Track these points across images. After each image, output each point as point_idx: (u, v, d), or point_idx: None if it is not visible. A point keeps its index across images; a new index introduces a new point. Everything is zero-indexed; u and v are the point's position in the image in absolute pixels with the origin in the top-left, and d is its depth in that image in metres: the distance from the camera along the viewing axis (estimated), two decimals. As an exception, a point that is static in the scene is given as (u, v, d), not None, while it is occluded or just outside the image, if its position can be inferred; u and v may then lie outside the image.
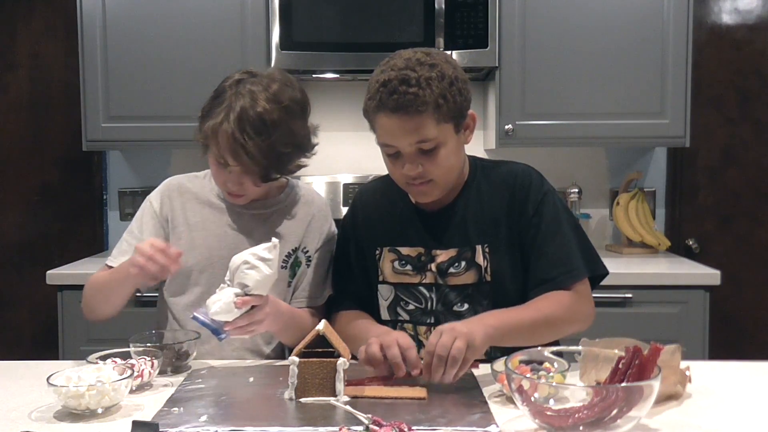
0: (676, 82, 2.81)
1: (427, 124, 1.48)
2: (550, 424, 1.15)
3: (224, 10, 2.82)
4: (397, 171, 1.57)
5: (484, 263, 1.60)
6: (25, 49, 3.30)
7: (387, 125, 1.51)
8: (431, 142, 1.50)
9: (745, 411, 1.32)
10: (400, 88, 1.47)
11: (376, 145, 1.59)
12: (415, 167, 1.52)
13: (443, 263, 1.62)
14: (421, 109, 1.47)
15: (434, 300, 1.63)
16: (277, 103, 1.58)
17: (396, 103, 1.47)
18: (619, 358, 1.22)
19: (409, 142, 1.50)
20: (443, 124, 1.50)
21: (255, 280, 1.46)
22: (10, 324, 3.36)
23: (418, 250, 1.64)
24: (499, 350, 1.53)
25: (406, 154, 1.52)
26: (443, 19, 2.73)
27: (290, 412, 1.29)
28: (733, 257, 3.22)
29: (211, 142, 1.60)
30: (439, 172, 1.54)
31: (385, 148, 1.56)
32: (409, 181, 1.56)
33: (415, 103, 1.46)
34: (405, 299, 1.65)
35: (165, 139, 2.87)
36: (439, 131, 1.50)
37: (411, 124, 1.48)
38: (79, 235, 3.30)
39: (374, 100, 1.51)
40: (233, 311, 1.45)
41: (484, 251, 1.61)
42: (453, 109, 1.51)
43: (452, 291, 1.62)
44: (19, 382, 1.48)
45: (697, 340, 2.58)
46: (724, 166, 3.25)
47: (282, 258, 1.71)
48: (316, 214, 1.79)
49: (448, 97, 1.49)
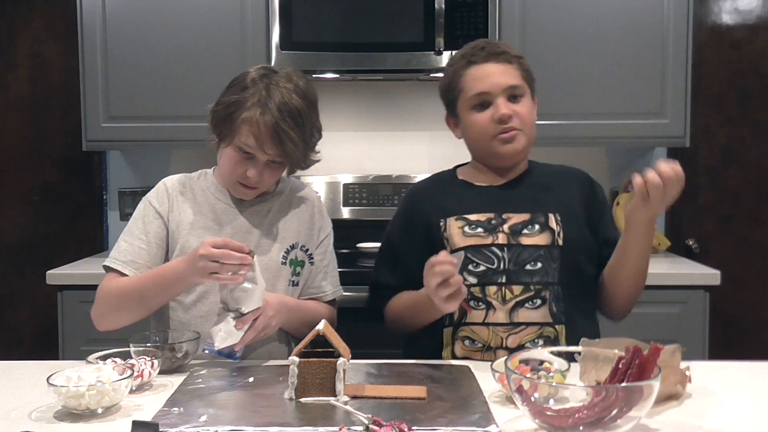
0: (676, 82, 2.81)
1: (515, 74, 1.71)
2: (550, 424, 1.15)
3: (224, 10, 2.82)
4: (488, 124, 1.70)
5: (557, 228, 1.70)
6: (25, 49, 3.30)
7: (479, 72, 1.71)
8: (520, 89, 1.71)
9: (745, 411, 1.32)
10: (488, 46, 1.74)
11: (376, 145, 1.61)
12: (508, 107, 1.69)
13: (517, 224, 1.70)
14: (509, 60, 1.72)
15: (506, 259, 1.68)
16: (304, 95, 1.66)
17: (488, 53, 1.71)
18: (619, 358, 1.22)
19: (502, 85, 1.69)
20: (524, 82, 1.73)
21: (246, 301, 1.51)
22: (10, 324, 3.36)
23: (488, 215, 1.72)
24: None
25: (499, 98, 1.69)
26: (443, 19, 2.73)
27: (290, 412, 1.29)
28: (733, 257, 3.22)
29: (242, 133, 1.63)
30: (525, 120, 1.71)
31: (477, 98, 1.71)
32: (500, 130, 1.70)
33: (504, 54, 1.72)
34: (476, 260, 1.68)
35: (165, 139, 2.87)
36: (524, 83, 1.73)
37: (502, 69, 1.70)
38: (79, 235, 3.30)
39: (464, 60, 1.74)
40: (237, 333, 1.51)
41: (556, 218, 1.71)
42: (529, 74, 1.75)
43: (525, 250, 1.68)
44: (19, 382, 1.48)
45: (697, 340, 2.58)
46: (724, 166, 3.25)
47: (282, 254, 1.75)
48: (315, 212, 1.83)
49: (523, 64, 1.75)
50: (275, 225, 1.76)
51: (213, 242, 1.49)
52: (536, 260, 1.67)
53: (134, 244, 1.69)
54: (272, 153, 1.64)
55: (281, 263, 1.74)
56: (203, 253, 1.48)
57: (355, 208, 3.06)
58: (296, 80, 1.67)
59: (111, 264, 1.69)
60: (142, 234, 1.71)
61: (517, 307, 1.64)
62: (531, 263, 1.67)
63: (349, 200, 3.08)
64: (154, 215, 1.73)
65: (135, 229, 1.73)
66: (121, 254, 1.69)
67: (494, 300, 1.65)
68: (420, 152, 3.12)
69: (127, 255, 1.68)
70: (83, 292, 2.65)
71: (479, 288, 1.66)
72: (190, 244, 1.69)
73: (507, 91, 1.69)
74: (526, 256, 1.67)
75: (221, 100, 1.69)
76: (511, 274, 1.66)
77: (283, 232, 1.76)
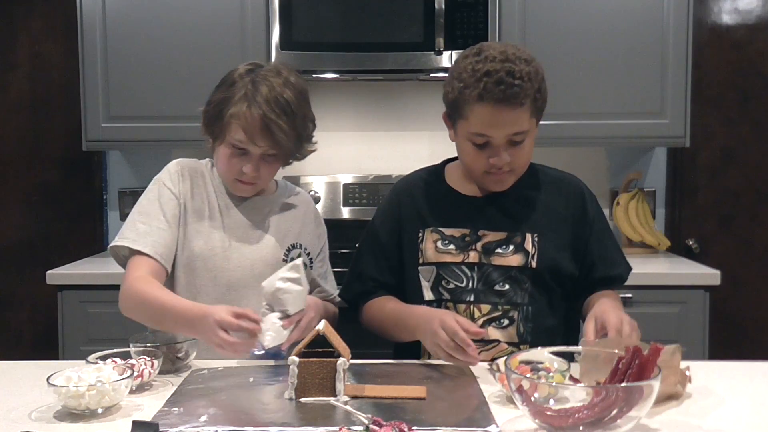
0: (676, 82, 2.81)
1: (524, 117, 1.57)
2: (550, 424, 1.15)
3: (224, 10, 2.82)
4: (480, 161, 1.62)
5: (533, 250, 1.65)
6: (25, 49, 3.30)
7: (487, 115, 1.56)
8: (523, 134, 1.59)
9: (745, 411, 1.32)
10: (507, 79, 1.53)
11: (376, 145, 1.61)
12: (504, 157, 1.59)
13: (490, 243, 1.67)
14: (524, 102, 1.55)
15: (475, 279, 1.66)
16: (292, 87, 1.66)
17: (503, 94, 1.53)
18: (619, 358, 1.22)
19: (506, 133, 1.57)
20: (533, 118, 1.60)
21: (292, 303, 1.54)
22: (10, 324, 3.36)
23: (463, 231, 1.69)
24: None
25: (498, 144, 1.59)
26: (443, 19, 2.73)
27: (290, 412, 1.29)
28: (733, 257, 3.22)
29: (232, 129, 1.63)
30: (521, 162, 1.64)
31: (475, 138, 1.60)
32: (492, 170, 1.62)
33: (519, 95, 1.54)
34: (446, 278, 1.68)
35: (165, 139, 2.87)
36: (530, 124, 1.60)
37: (512, 116, 1.55)
38: (79, 235, 3.30)
39: (476, 89, 1.54)
40: (284, 333, 1.53)
41: (533, 239, 1.66)
42: (542, 104, 1.61)
43: (495, 271, 1.66)
44: (19, 382, 1.48)
45: (697, 340, 2.58)
46: (724, 166, 3.24)
47: (283, 251, 1.76)
48: (313, 218, 1.86)
49: (542, 91, 1.60)
50: (277, 223, 1.78)
51: (233, 311, 1.44)
52: (505, 281, 1.65)
53: (153, 225, 1.66)
54: (263, 145, 1.64)
55: (282, 260, 1.75)
56: (218, 319, 1.43)
57: (355, 208, 3.06)
58: (285, 74, 1.67)
59: (126, 243, 1.65)
60: (161, 215, 1.68)
61: (486, 326, 1.64)
62: (500, 284, 1.65)
63: (349, 200, 3.08)
64: (169, 196, 1.71)
65: (152, 210, 1.69)
66: (141, 236, 1.65)
67: (466, 316, 1.64)
68: (420, 152, 3.12)
69: (148, 237, 1.65)
70: (83, 292, 2.65)
71: (452, 304, 1.67)
72: (192, 237, 1.69)
73: (510, 138, 1.58)
74: (495, 277, 1.65)
75: (211, 100, 1.70)
76: (480, 294, 1.65)
77: (284, 231, 1.78)
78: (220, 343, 1.43)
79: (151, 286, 1.60)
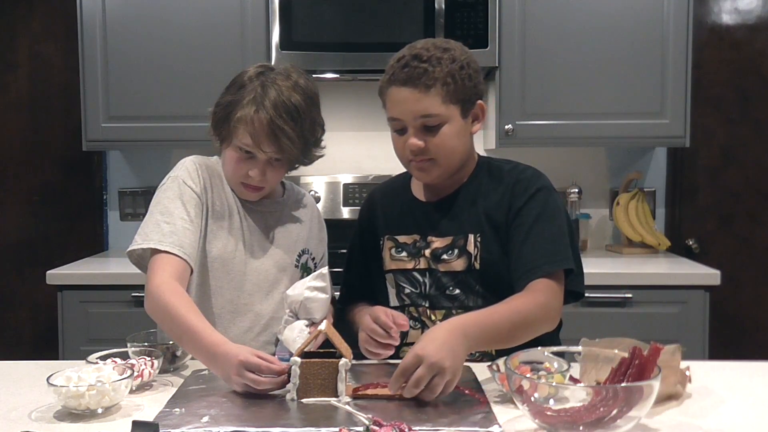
0: (676, 82, 2.81)
1: (433, 100, 1.54)
2: (550, 424, 1.15)
3: (224, 10, 2.82)
4: (400, 146, 1.61)
5: (475, 251, 1.63)
6: (25, 49, 3.30)
7: (396, 97, 1.57)
8: (436, 118, 1.55)
9: (745, 411, 1.32)
10: (412, 63, 1.54)
11: (376, 145, 1.61)
12: (417, 141, 1.56)
13: (438, 249, 1.66)
14: (429, 83, 1.53)
15: (428, 284, 1.66)
16: (301, 92, 1.64)
17: (406, 75, 1.54)
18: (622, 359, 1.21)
19: (414, 114, 1.55)
20: (450, 105, 1.55)
21: (319, 310, 1.58)
22: (10, 324, 3.36)
23: (414, 237, 1.69)
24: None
25: (411, 127, 1.57)
26: (443, 19, 2.73)
27: (292, 413, 1.29)
28: (733, 257, 3.22)
29: (239, 133, 1.62)
30: (440, 152, 1.58)
31: (392, 123, 1.61)
32: (411, 158, 1.60)
33: (424, 76, 1.53)
34: (402, 285, 1.69)
35: (165, 139, 2.87)
36: (445, 110, 1.55)
37: (417, 97, 1.54)
38: (79, 235, 3.30)
39: (388, 74, 1.58)
40: None
41: (476, 240, 1.63)
42: (460, 92, 1.56)
43: (444, 276, 1.65)
44: (19, 382, 1.48)
45: (697, 340, 2.58)
46: (724, 166, 3.25)
47: (295, 257, 1.77)
48: (317, 222, 1.87)
49: (456, 78, 1.54)
50: (288, 229, 1.78)
51: (256, 354, 1.37)
52: (455, 286, 1.64)
53: (178, 224, 1.61)
54: (269, 151, 1.62)
55: (294, 266, 1.76)
56: (243, 359, 1.35)
57: (355, 208, 3.05)
58: (295, 77, 1.65)
59: (160, 247, 1.58)
60: (184, 213, 1.63)
61: None
62: (450, 288, 1.64)
63: (349, 200, 3.08)
64: (191, 195, 1.66)
65: (174, 209, 1.63)
66: (167, 236, 1.59)
67: (426, 320, 1.66)
68: (420, 152, 3.12)
69: (174, 236, 1.59)
70: (83, 292, 2.65)
71: (414, 308, 1.68)
72: (211, 238, 1.67)
73: (420, 120, 1.55)
74: (445, 282, 1.65)
75: (220, 101, 1.68)
76: (433, 299, 1.65)
77: (294, 237, 1.78)
78: (243, 382, 1.35)
79: (179, 298, 1.50)
